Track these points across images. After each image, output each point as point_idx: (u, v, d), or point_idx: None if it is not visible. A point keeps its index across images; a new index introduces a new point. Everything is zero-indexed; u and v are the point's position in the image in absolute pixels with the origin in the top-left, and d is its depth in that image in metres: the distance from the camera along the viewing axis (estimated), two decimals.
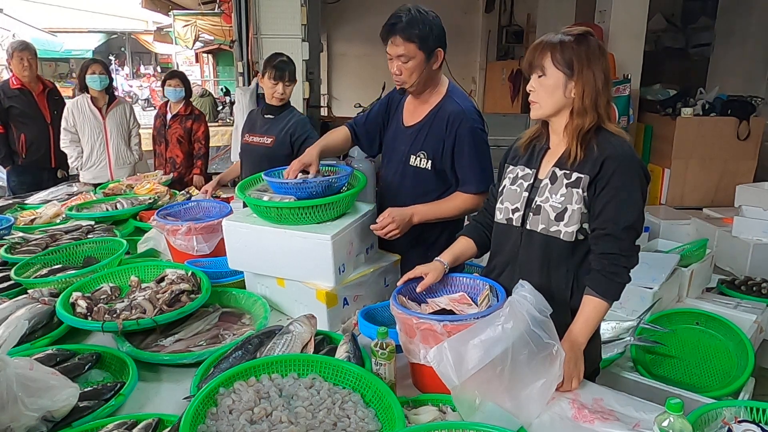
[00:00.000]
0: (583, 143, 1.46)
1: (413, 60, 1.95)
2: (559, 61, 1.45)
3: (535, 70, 1.49)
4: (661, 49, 8.19)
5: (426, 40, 1.94)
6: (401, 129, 2.16)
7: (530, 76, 1.51)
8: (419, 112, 2.11)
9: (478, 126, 2.03)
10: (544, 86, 1.48)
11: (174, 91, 4.15)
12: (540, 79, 1.49)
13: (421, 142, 2.07)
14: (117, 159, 4.22)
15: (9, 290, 2.00)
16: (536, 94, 1.51)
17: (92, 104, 4.11)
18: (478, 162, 2.02)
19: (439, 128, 2.03)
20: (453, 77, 8.37)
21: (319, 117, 6.73)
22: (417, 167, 2.08)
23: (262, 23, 5.27)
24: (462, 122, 2.00)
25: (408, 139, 2.11)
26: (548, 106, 1.50)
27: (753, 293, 3.29)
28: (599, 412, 1.32)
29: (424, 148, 2.06)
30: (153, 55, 23.35)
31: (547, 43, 1.47)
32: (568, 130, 1.49)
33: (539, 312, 1.30)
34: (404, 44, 1.92)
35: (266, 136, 2.96)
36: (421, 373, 1.45)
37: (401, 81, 2.01)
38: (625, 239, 1.45)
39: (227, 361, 1.47)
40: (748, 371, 2.13)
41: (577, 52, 1.44)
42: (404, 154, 2.12)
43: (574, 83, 1.45)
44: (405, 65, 1.96)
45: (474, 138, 2.01)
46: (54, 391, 1.26)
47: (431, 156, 2.05)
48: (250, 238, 1.90)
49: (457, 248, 1.73)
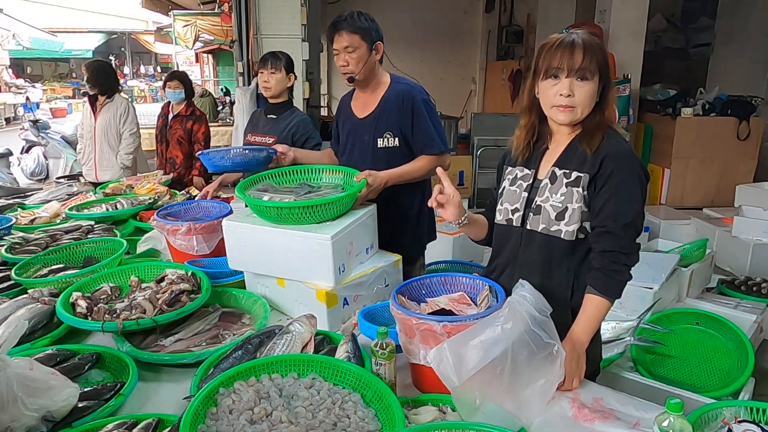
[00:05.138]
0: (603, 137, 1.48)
1: (358, 50, 2.20)
2: (601, 65, 1.44)
3: (581, 74, 1.43)
4: (661, 49, 8.19)
5: (368, 32, 2.21)
6: (357, 122, 2.38)
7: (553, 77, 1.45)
8: (370, 103, 2.34)
9: (426, 97, 2.32)
10: (588, 91, 1.44)
11: (174, 92, 4.15)
12: (584, 82, 1.43)
13: (384, 124, 2.29)
14: (101, 160, 4.23)
15: (9, 290, 2.00)
16: (575, 99, 1.44)
17: (90, 104, 4.13)
18: (434, 127, 2.28)
19: (396, 107, 2.27)
20: (453, 77, 8.27)
21: (319, 117, 6.73)
22: (386, 147, 2.30)
23: (262, 23, 5.28)
24: (413, 96, 2.26)
25: (368, 127, 2.33)
26: (584, 111, 1.47)
27: (753, 293, 3.30)
28: (599, 412, 1.32)
29: (389, 129, 2.29)
30: (153, 55, 23.38)
31: (592, 46, 1.44)
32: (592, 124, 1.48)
33: (539, 312, 1.30)
34: (349, 36, 2.18)
35: (268, 136, 2.96)
36: (421, 373, 1.45)
37: (349, 71, 2.24)
38: (625, 237, 1.45)
39: (227, 361, 1.47)
40: (748, 371, 2.14)
41: (604, 53, 1.46)
42: (370, 141, 2.32)
43: (604, 84, 1.46)
44: (351, 55, 2.20)
45: (426, 107, 2.28)
46: (54, 391, 1.25)
47: (397, 134, 2.29)
48: (250, 238, 1.90)
49: (475, 216, 1.73)
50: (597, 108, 1.49)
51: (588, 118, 1.49)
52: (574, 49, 1.43)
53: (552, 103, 1.47)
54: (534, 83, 1.53)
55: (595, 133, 1.48)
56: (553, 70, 1.45)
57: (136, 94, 17.29)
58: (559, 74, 1.44)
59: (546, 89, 1.48)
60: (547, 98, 1.48)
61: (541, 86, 1.49)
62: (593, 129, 1.48)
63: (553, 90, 1.46)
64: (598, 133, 1.48)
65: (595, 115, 1.49)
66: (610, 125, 1.51)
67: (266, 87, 2.97)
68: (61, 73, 22.88)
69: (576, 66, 1.42)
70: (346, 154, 2.44)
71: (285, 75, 2.95)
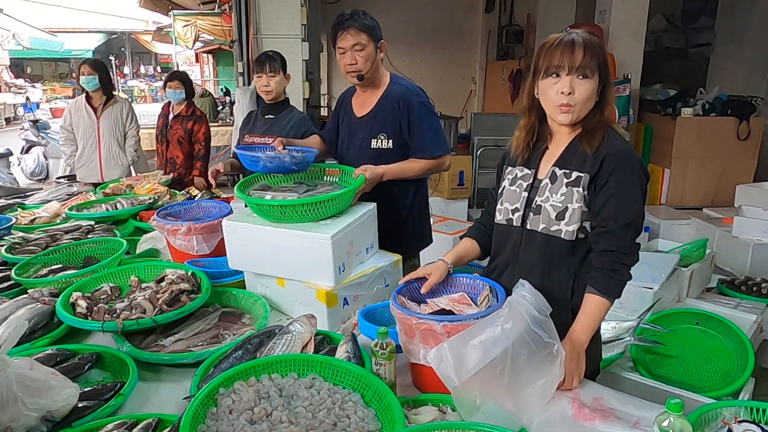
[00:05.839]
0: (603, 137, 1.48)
1: (366, 48, 2.20)
2: (601, 64, 1.44)
3: (581, 71, 1.43)
4: (661, 49, 8.19)
5: (375, 31, 2.22)
6: (355, 120, 2.39)
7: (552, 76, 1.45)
8: (369, 102, 2.34)
9: (424, 99, 2.31)
10: (588, 89, 1.44)
11: (174, 93, 4.15)
12: (584, 80, 1.43)
13: (379, 125, 2.30)
14: (108, 159, 4.22)
15: (9, 290, 2.00)
16: (575, 97, 1.44)
17: (87, 104, 4.11)
18: (431, 130, 2.28)
19: (392, 109, 2.27)
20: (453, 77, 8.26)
21: (319, 117, 6.73)
22: (380, 148, 2.31)
23: (262, 23, 5.28)
24: (410, 99, 2.26)
25: (365, 126, 2.34)
26: (584, 110, 1.47)
27: (753, 293, 3.29)
28: (599, 411, 1.32)
29: (384, 130, 2.29)
30: (153, 55, 23.39)
31: (593, 44, 1.44)
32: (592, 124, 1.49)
33: (539, 311, 1.30)
34: (357, 34, 2.18)
35: (267, 136, 2.94)
36: (421, 373, 1.45)
37: (356, 69, 2.22)
38: (625, 237, 1.45)
39: (227, 361, 1.47)
40: (748, 371, 2.13)
41: (604, 53, 1.46)
42: (365, 140, 2.33)
43: (604, 83, 1.46)
44: (360, 53, 2.20)
45: (422, 110, 2.27)
46: (54, 391, 1.25)
47: (391, 135, 2.29)
48: (250, 238, 1.90)
49: (461, 249, 1.74)
50: (597, 108, 1.49)
51: (588, 117, 1.49)
52: (574, 47, 1.43)
53: (553, 103, 1.47)
54: (534, 83, 1.53)
55: (595, 132, 1.48)
56: (554, 68, 1.45)
57: (136, 94, 17.31)
58: (560, 72, 1.44)
59: (546, 88, 1.47)
60: (548, 97, 1.48)
61: (541, 85, 1.49)
62: (593, 129, 1.49)
63: (554, 88, 1.45)
64: (599, 133, 1.48)
65: (595, 114, 1.49)
66: (610, 125, 1.51)
67: (267, 90, 2.98)
68: (61, 73, 22.88)
69: (577, 63, 1.42)
70: (343, 152, 2.45)
71: (283, 76, 2.99)
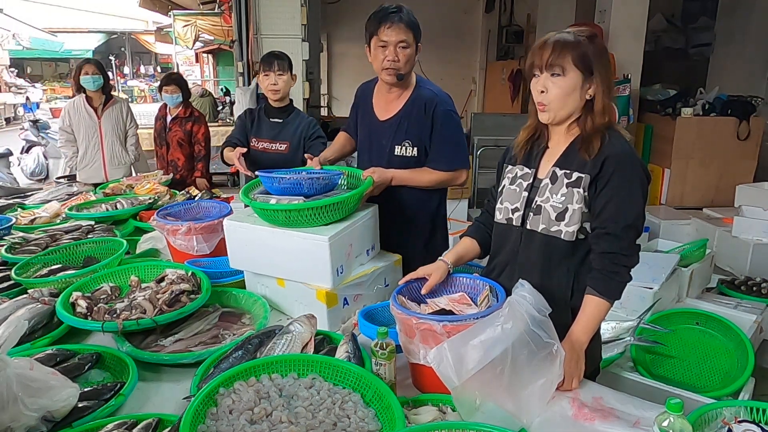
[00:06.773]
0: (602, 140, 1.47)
1: (410, 47, 2.05)
2: (579, 61, 1.43)
3: (551, 69, 1.44)
4: (661, 49, 8.18)
5: (419, 31, 2.08)
6: (377, 124, 2.24)
7: (534, 76, 1.48)
8: (394, 106, 2.19)
9: (451, 108, 2.17)
10: (561, 87, 1.45)
11: (171, 98, 4.15)
12: (556, 78, 1.45)
13: (404, 131, 2.16)
14: (111, 159, 4.22)
15: (9, 290, 2.00)
16: (549, 95, 1.46)
17: (87, 104, 4.11)
18: (451, 142, 2.15)
19: (419, 115, 2.13)
20: (453, 77, 8.27)
21: (319, 117, 6.74)
22: (403, 156, 2.18)
23: (262, 23, 5.28)
24: (436, 105, 2.12)
25: (388, 131, 2.20)
26: (560, 108, 1.47)
27: (753, 293, 3.30)
28: (599, 411, 1.32)
29: (408, 137, 2.16)
30: (153, 55, 23.37)
31: (566, 42, 1.44)
32: (587, 129, 1.48)
33: (538, 312, 1.30)
34: (406, 31, 2.02)
35: (278, 142, 2.88)
36: (421, 373, 1.45)
37: (397, 67, 2.06)
38: (626, 238, 1.45)
39: (227, 361, 1.47)
40: (748, 371, 2.13)
41: (594, 52, 1.45)
42: (387, 147, 2.20)
43: (593, 83, 1.45)
44: (404, 51, 2.04)
45: (446, 119, 2.13)
46: (54, 391, 1.25)
47: (416, 143, 2.15)
48: (251, 238, 1.90)
49: (460, 248, 1.74)
50: (589, 108, 1.48)
51: (581, 120, 1.49)
52: (545, 46, 1.46)
53: (535, 102, 1.52)
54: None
55: (592, 139, 1.47)
56: (534, 68, 1.49)
57: (136, 94, 17.30)
58: (537, 72, 1.49)
59: (531, 88, 1.52)
60: (532, 97, 1.53)
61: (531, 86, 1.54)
62: (590, 135, 1.48)
63: (535, 88, 1.50)
64: (596, 138, 1.47)
65: (587, 116, 1.48)
66: (611, 125, 1.50)
67: (275, 90, 2.85)
68: (61, 73, 22.87)
69: (545, 62, 1.45)
70: (363, 156, 2.34)
71: (290, 76, 2.92)
